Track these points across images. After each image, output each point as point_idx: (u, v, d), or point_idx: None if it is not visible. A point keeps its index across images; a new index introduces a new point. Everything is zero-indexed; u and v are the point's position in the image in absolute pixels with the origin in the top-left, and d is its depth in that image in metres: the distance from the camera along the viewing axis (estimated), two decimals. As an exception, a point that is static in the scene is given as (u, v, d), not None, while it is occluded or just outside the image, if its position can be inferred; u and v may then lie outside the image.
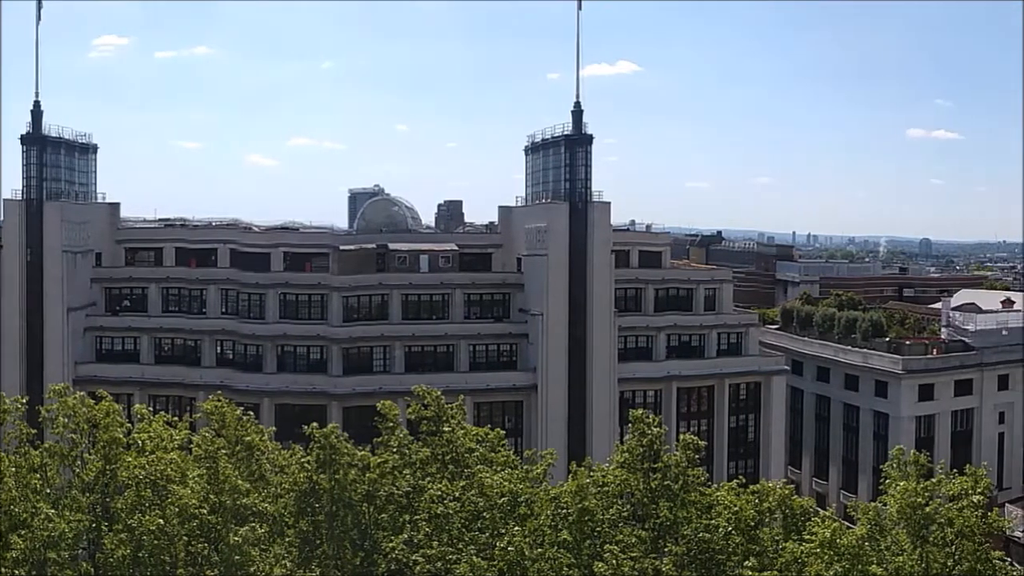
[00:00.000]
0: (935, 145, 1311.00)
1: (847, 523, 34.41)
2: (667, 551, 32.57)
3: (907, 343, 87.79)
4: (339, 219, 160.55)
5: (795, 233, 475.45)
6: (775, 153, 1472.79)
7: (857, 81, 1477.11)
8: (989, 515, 32.53)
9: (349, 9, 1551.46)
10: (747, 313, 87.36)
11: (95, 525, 32.88)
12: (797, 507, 34.58)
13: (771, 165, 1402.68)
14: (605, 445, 64.76)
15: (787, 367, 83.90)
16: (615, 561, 30.14)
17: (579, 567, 31.64)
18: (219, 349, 74.41)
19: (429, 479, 35.31)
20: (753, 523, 32.94)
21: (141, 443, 34.85)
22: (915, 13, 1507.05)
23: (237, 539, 30.88)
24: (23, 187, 74.91)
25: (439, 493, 33.59)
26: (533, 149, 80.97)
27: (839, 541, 30.74)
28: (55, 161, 77.25)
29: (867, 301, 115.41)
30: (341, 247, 76.43)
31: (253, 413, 40.42)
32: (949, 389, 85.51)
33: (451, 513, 32.97)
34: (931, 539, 31.53)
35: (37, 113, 76.31)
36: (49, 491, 33.64)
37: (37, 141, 75.58)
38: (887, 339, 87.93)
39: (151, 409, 40.75)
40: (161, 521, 30.69)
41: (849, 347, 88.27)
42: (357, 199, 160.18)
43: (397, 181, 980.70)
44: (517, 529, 31.84)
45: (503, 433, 39.50)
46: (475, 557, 30.92)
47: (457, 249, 79.91)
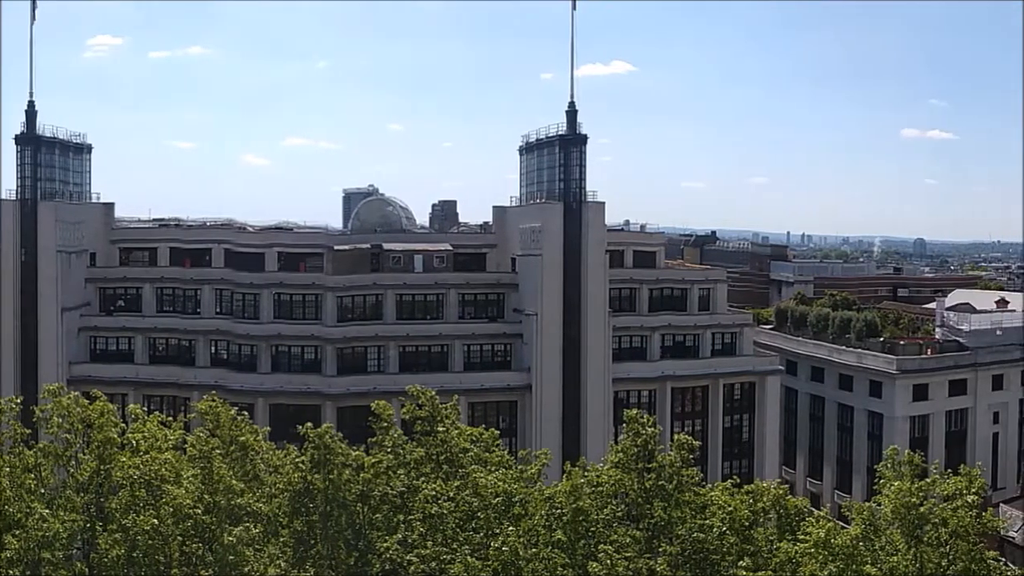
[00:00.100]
0: (930, 145, 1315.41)
1: (841, 523, 34.40)
2: (661, 551, 32.56)
3: (901, 343, 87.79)
4: (333, 219, 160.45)
5: (790, 233, 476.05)
6: (770, 153, 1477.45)
7: (852, 81, 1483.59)
8: (983, 515, 32.57)
9: (345, 9, 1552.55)
10: (741, 313, 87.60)
11: (89, 525, 32.82)
12: (791, 507, 34.69)
13: (766, 165, 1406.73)
14: (599, 445, 64.73)
15: (781, 367, 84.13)
16: (609, 561, 30.14)
17: (573, 567, 31.65)
18: (213, 349, 74.48)
19: (423, 479, 35.26)
20: (747, 523, 32.98)
21: (135, 443, 34.77)
22: (911, 13, 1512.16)
23: (231, 539, 30.82)
24: (17, 187, 74.92)
25: (433, 493, 33.56)
26: (527, 149, 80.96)
27: (833, 541, 30.78)
28: (49, 161, 77.22)
29: (861, 301, 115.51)
30: (335, 247, 76.46)
31: (247, 413, 40.33)
32: (943, 389, 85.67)
33: (445, 513, 32.94)
34: (925, 539, 31.53)
35: (31, 113, 76.16)
36: (43, 491, 33.54)
37: (31, 141, 75.54)
38: (881, 339, 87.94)
39: (145, 409, 40.79)
40: (155, 521, 30.68)
41: (843, 347, 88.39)
42: (351, 199, 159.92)
43: (391, 181, 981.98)
44: (511, 529, 31.84)
45: (497, 433, 39.50)
46: (469, 557, 30.92)
47: (451, 249, 79.90)
